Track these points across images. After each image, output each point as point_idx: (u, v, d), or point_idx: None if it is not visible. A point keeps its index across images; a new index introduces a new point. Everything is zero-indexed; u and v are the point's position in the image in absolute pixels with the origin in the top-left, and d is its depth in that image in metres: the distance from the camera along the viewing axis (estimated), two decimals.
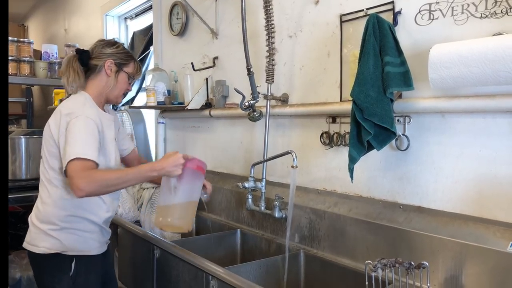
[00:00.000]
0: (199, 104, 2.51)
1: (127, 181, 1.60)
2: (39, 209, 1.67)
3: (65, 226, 1.63)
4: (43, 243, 1.63)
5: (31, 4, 6.15)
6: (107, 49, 1.70)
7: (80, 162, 1.49)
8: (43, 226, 1.63)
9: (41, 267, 1.67)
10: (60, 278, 1.63)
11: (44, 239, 1.63)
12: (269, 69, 1.98)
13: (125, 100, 3.57)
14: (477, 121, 1.34)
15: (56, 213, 1.63)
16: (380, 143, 1.45)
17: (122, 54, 1.73)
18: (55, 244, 1.62)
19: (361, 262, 1.60)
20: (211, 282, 1.53)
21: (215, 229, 2.34)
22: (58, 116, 1.62)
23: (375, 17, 1.44)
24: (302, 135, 1.96)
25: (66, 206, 1.63)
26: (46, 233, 1.63)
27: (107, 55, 1.69)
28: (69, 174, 1.48)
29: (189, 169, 1.64)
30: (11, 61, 2.86)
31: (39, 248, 1.63)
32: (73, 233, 1.64)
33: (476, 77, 1.20)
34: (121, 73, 1.73)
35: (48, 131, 1.63)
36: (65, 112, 1.59)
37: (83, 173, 1.47)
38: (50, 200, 1.63)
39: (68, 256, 1.63)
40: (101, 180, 1.51)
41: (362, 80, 1.40)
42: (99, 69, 1.69)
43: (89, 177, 1.48)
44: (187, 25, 2.77)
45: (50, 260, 1.63)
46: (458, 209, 1.39)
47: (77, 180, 1.45)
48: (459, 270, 1.34)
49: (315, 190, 1.88)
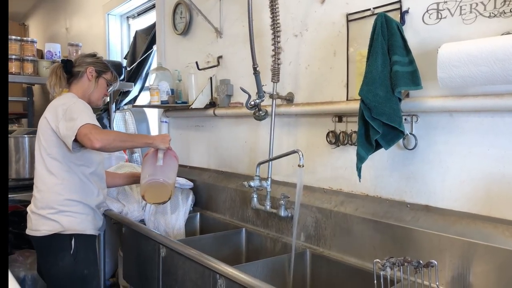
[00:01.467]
0: (204, 103, 2.51)
1: (131, 141, 1.94)
2: (36, 197, 1.87)
3: (62, 209, 1.84)
4: (43, 227, 1.83)
5: (31, 3, 6.15)
6: (88, 58, 2.00)
7: (91, 125, 1.73)
8: (42, 211, 1.83)
9: (44, 248, 1.85)
10: (63, 256, 1.83)
11: (44, 223, 1.83)
12: (274, 68, 1.98)
13: (128, 99, 3.57)
14: (485, 120, 1.35)
15: (53, 198, 1.84)
16: (388, 142, 1.45)
17: (100, 64, 2.03)
18: (54, 226, 1.83)
19: (368, 261, 1.61)
20: (218, 281, 1.53)
21: (220, 228, 2.34)
22: (53, 108, 1.84)
23: (383, 16, 1.44)
24: (307, 134, 1.96)
25: (62, 191, 1.84)
26: (45, 217, 1.83)
27: (88, 63, 1.98)
28: (84, 133, 1.70)
29: (171, 152, 2.08)
30: (15, 60, 2.85)
31: (41, 231, 1.83)
32: (69, 215, 1.85)
33: (485, 76, 1.20)
34: (100, 78, 2.01)
35: (46, 123, 1.84)
36: (60, 103, 1.83)
37: (98, 130, 1.73)
38: (46, 187, 1.84)
39: (67, 235, 1.84)
40: (114, 134, 1.86)
41: (371, 79, 1.40)
42: (81, 75, 1.96)
43: (104, 132, 1.76)
44: (191, 24, 2.77)
45: (51, 241, 1.83)
46: (466, 208, 1.40)
47: (94, 134, 1.69)
48: (467, 269, 1.35)
49: (321, 189, 1.89)
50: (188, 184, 2.62)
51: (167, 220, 2.40)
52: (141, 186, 1.97)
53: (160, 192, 1.97)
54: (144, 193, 1.96)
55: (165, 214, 2.41)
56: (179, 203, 2.48)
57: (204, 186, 2.59)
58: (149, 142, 1.96)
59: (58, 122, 1.78)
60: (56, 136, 1.81)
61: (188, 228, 2.47)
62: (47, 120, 1.83)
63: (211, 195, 2.53)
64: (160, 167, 1.97)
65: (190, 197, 2.56)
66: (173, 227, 2.40)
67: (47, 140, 1.83)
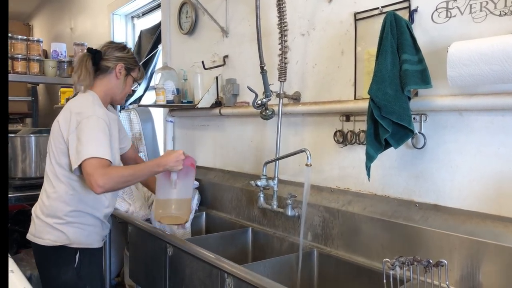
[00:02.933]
0: (209, 103, 2.51)
1: (138, 177, 1.71)
2: (44, 203, 1.73)
3: (70, 220, 1.71)
4: (48, 236, 1.70)
5: (36, 3, 6.16)
6: (118, 52, 1.79)
7: (97, 160, 1.57)
8: (48, 219, 1.70)
9: (46, 258, 1.73)
10: (66, 269, 1.71)
11: (49, 232, 1.70)
12: (281, 68, 1.98)
13: (133, 99, 3.58)
14: (495, 119, 1.34)
15: (61, 207, 1.70)
16: (398, 141, 1.45)
17: (131, 59, 1.84)
18: (60, 237, 1.70)
19: (376, 260, 1.60)
20: (226, 280, 1.53)
21: (226, 227, 2.34)
22: (68, 114, 1.68)
23: (392, 15, 1.44)
24: (314, 133, 1.96)
25: (71, 202, 1.71)
26: (51, 226, 1.70)
27: (118, 58, 1.78)
28: (87, 172, 1.55)
29: (186, 166, 1.78)
30: (21, 60, 2.86)
31: (44, 240, 1.70)
32: (77, 226, 1.72)
33: (496, 75, 1.20)
34: (128, 77, 1.84)
35: (58, 128, 1.70)
36: (76, 111, 1.67)
37: (101, 171, 1.55)
38: (56, 195, 1.70)
39: (73, 249, 1.72)
40: (117, 176, 1.59)
41: (380, 78, 1.40)
42: (110, 71, 1.78)
43: (107, 174, 1.56)
44: (197, 23, 2.77)
45: (55, 252, 1.70)
46: (476, 207, 1.39)
47: (96, 177, 1.53)
48: (477, 268, 1.34)
49: (328, 189, 1.88)
50: (194, 184, 2.62)
51: None
52: (155, 213, 1.86)
53: (175, 218, 1.88)
54: (159, 220, 1.86)
55: None
56: None
57: (210, 186, 2.59)
58: (159, 170, 1.71)
59: (69, 134, 1.64)
60: (65, 146, 1.67)
61: (194, 227, 2.47)
62: (59, 126, 1.69)
63: (217, 195, 2.53)
64: (175, 190, 1.80)
65: (196, 197, 2.56)
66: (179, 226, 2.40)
67: (57, 147, 1.69)
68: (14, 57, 2.87)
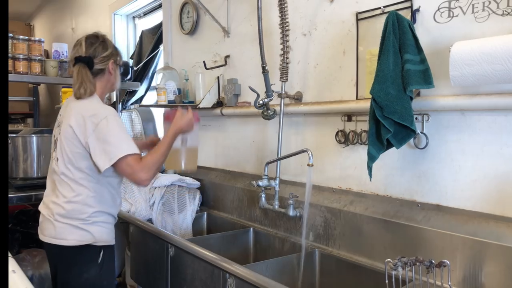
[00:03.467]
0: (211, 103, 2.51)
1: (165, 154, 1.79)
2: (65, 208, 1.70)
3: (94, 221, 1.73)
4: (72, 236, 1.71)
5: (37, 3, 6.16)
6: (105, 51, 1.81)
7: (131, 157, 1.65)
8: (71, 221, 1.71)
9: (70, 258, 1.73)
10: (89, 268, 1.73)
11: (73, 232, 1.71)
12: (283, 68, 1.98)
13: (134, 99, 3.58)
14: (498, 119, 1.34)
15: (85, 210, 1.72)
16: (400, 141, 1.44)
17: (115, 50, 1.86)
18: (85, 236, 1.71)
19: (378, 261, 1.60)
20: (228, 280, 1.53)
21: (227, 227, 2.34)
22: (80, 118, 1.68)
23: (395, 15, 1.43)
24: (316, 133, 1.96)
25: (93, 203, 1.73)
26: (75, 227, 1.71)
27: (107, 58, 1.81)
28: (127, 171, 1.66)
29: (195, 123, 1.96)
30: (22, 60, 2.86)
31: (68, 240, 1.70)
32: (100, 225, 1.75)
33: (499, 75, 1.19)
34: (118, 67, 1.90)
35: (72, 133, 1.68)
36: (88, 114, 1.68)
37: (139, 166, 1.66)
38: (77, 199, 1.71)
39: (97, 247, 1.74)
40: (153, 165, 1.70)
41: (382, 78, 1.40)
42: (104, 72, 1.81)
43: (146, 167, 1.67)
44: (198, 23, 2.77)
45: (80, 251, 1.71)
46: (478, 207, 1.39)
47: (139, 174, 1.65)
48: (479, 269, 1.34)
49: (329, 189, 1.88)
50: (195, 184, 2.63)
51: (174, 220, 2.40)
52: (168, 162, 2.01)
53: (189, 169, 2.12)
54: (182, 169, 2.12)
55: (172, 214, 2.41)
56: (186, 203, 2.48)
57: (211, 186, 2.59)
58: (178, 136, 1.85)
59: (88, 137, 1.66)
60: (84, 149, 1.68)
61: (195, 227, 2.47)
62: (73, 130, 1.68)
63: (219, 195, 2.53)
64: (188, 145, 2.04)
65: (197, 197, 2.56)
66: (181, 227, 2.40)
67: (73, 152, 1.69)
68: (16, 57, 2.86)
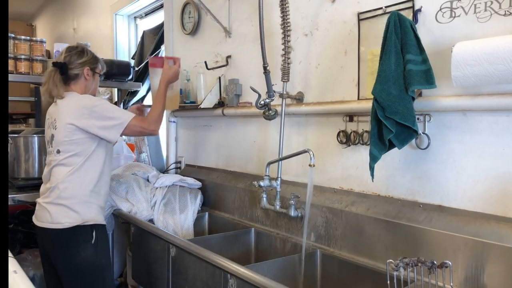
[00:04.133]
0: (212, 103, 2.51)
1: (163, 105, 2.13)
2: (59, 188, 1.90)
3: (84, 200, 1.92)
4: (65, 219, 1.88)
5: (39, 4, 6.17)
6: (80, 59, 2.03)
7: (134, 120, 1.97)
8: (65, 201, 1.89)
9: (65, 240, 1.89)
10: (85, 247, 1.90)
11: (65, 215, 1.89)
12: (284, 68, 1.98)
13: (136, 99, 3.58)
14: (500, 119, 1.33)
15: (78, 188, 1.92)
16: (402, 142, 1.44)
17: (91, 60, 2.08)
18: (75, 218, 1.89)
19: (380, 261, 1.60)
20: (229, 281, 1.53)
21: (229, 228, 2.33)
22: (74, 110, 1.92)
23: (396, 15, 1.43)
24: (318, 134, 1.96)
25: (84, 183, 1.93)
26: (67, 208, 1.88)
27: (82, 64, 2.03)
28: (137, 131, 2.01)
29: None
30: (24, 60, 2.86)
31: (63, 223, 1.88)
32: (89, 206, 1.94)
33: (501, 75, 1.19)
34: (95, 74, 2.11)
35: (69, 124, 1.90)
36: (82, 105, 1.94)
37: (146, 123, 2.02)
38: (72, 178, 1.91)
39: (88, 226, 1.92)
40: (158, 116, 2.08)
41: (384, 78, 1.39)
42: (79, 77, 2.03)
43: (151, 121, 2.04)
44: (199, 23, 2.77)
45: (74, 232, 1.89)
46: (480, 208, 1.38)
47: (148, 128, 2.02)
48: (481, 270, 1.33)
49: (331, 189, 1.88)
50: (197, 184, 2.62)
51: (175, 220, 2.40)
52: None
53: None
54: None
55: (173, 214, 2.41)
56: (188, 203, 2.48)
57: (212, 186, 2.59)
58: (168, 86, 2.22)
59: (88, 120, 1.90)
60: (85, 134, 1.92)
61: (196, 228, 2.46)
62: (71, 122, 1.90)
63: (220, 195, 2.53)
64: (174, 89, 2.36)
65: (198, 197, 2.56)
66: (182, 227, 2.40)
67: (75, 140, 1.91)
68: (17, 57, 2.87)
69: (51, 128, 1.98)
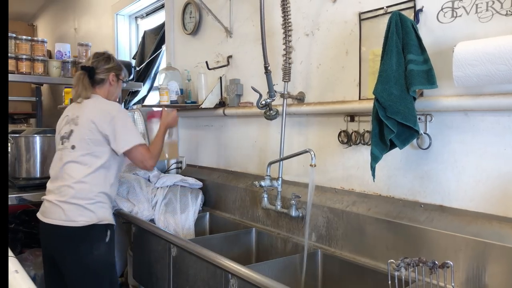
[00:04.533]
0: (213, 103, 2.51)
1: (161, 146, 2.23)
2: (74, 188, 1.93)
3: (98, 200, 1.97)
4: (80, 218, 1.92)
5: (40, 4, 6.18)
6: (106, 64, 2.15)
7: (142, 147, 2.06)
8: (81, 201, 1.92)
9: (79, 238, 1.92)
10: (98, 245, 1.95)
11: (80, 214, 1.92)
12: (285, 68, 1.98)
13: (136, 99, 3.58)
14: (502, 119, 1.33)
15: (93, 189, 1.96)
16: (403, 142, 1.44)
17: (117, 66, 2.20)
18: (91, 217, 1.93)
19: (381, 261, 1.60)
20: (230, 281, 1.53)
21: (229, 228, 2.33)
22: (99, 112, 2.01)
23: (398, 15, 1.43)
24: (319, 134, 1.96)
25: (98, 184, 1.99)
26: (83, 207, 1.92)
27: (108, 70, 2.15)
28: (138, 158, 2.06)
29: None
30: (25, 60, 2.86)
31: (78, 222, 1.91)
32: (102, 206, 1.99)
33: (503, 75, 1.19)
34: (119, 81, 2.23)
35: (92, 124, 1.98)
36: (107, 109, 2.04)
37: (148, 155, 2.08)
38: (87, 179, 1.95)
39: (103, 225, 1.97)
40: (156, 154, 2.15)
41: (385, 78, 1.39)
42: (105, 82, 2.15)
43: (152, 156, 2.11)
44: (201, 23, 2.77)
45: (89, 231, 1.92)
46: (482, 208, 1.38)
47: (148, 161, 2.08)
48: (482, 270, 1.33)
49: (332, 189, 1.88)
50: (198, 184, 2.62)
51: (176, 220, 2.40)
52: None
53: None
54: None
55: (174, 214, 2.41)
56: (189, 203, 2.48)
57: (213, 186, 2.59)
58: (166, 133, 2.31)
59: (106, 127, 1.98)
60: (102, 137, 1.99)
61: (197, 228, 2.46)
62: (93, 122, 1.98)
63: (221, 195, 2.53)
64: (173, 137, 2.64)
65: (199, 197, 2.56)
66: (183, 227, 2.40)
67: (92, 139, 1.98)
68: (19, 57, 2.87)
69: (71, 124, 2.03)
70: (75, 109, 2.08)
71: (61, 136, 2.06)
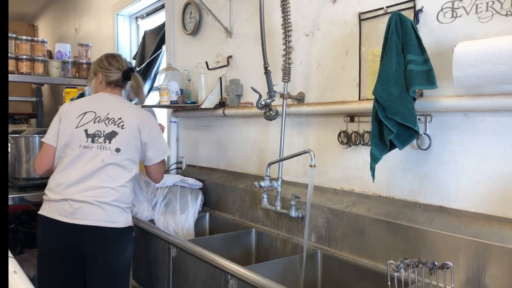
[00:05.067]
0: (213, 103, 2.51)
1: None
2: (118, 191, 1.95)
3: (131, 205, 2.06)
4: (121, 219, 1.95)
5: (41, 4, 6.18)
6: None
7: (163, 161, 2.19)
8: (122, 204, 1.96)
9: (117, 239, 1.95)
10: (129, 246, 2.00)
11: (121, 215, 1.95)
12: (285, 68, 1.97)
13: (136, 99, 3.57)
14: (502, 120, 1.33)
15: (131, 195, 2.03)
16: (403, 142, 1.43)
17: None
18: (127, 218, 1.99)
19: (381, 262, 1.59)
20: (230, 281, 1.52)
21: (229, 228, 2.33)
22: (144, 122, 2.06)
23: (397, 15, 1.43)
24: (318, 134, 1.95)
25: (133, 189, 2.07)
26: (123, 210, 1.97)
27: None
28: (161, 170, 2.18)
29: None
30: (25, 60, 2.87)
31: (119, 223, 1.94)
32: (130, 209, 2.06)
33: (503, 75, 1.18)
34: None
35: (138, 133, 2.03)
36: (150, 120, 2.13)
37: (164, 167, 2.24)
38: (129, 184, 2.01)
39: (132, 228, 2.04)
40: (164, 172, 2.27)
41: (385, 79, 1.39)
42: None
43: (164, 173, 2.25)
44: (201, 24, 2.77)
45: (126, 232, 1.97)
46: (482, 209, 1.38)
47: (163, 173, 2.23)
48: (482, 271, 1.33)
49: (332, 190, 1.87)
50: (197, 184, 2.62)
51: (176, 220, 2.40)
52: None
53: None
54: None
55: (174, 214, 2.41)
56: (189, 203, 2.48)
57: (213, 186, 2.59)
58: None
59: (144, 138, 2.04)
60: (141, 145, 2.05)
61: (197, 228, 2.46)
62: (139, 130, 2.03)
63: (221, 195, 2.52)
64: None
65: (199, 197, 2.56)
66: (183, 227, 2.40)
67: (136, 146, 2.03)
68: (19, 57, 2.87)
69: (111, 124, 1.97)
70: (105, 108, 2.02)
71: (91, 134, 1.95)
